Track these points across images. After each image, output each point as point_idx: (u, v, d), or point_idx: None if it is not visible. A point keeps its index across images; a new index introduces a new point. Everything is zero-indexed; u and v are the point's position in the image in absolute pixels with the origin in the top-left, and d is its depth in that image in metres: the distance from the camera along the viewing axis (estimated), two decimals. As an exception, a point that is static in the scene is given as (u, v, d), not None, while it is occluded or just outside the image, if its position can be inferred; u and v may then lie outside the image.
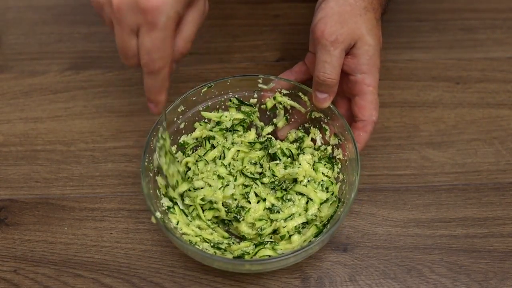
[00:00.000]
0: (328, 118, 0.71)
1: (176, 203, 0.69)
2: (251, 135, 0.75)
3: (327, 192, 0.70)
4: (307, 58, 0.73)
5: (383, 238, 0.72)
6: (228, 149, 0.73)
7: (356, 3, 0.67)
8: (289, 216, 0.68)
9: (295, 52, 0.92)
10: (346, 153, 0.69)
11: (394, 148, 0.80)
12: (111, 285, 0.69)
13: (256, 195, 0.70)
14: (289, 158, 0.73)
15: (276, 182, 0.72)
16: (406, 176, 0.77)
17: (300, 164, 0.71)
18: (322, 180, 0.70)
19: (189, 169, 0.73)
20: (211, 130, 0.74)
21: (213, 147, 0.74)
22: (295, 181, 0.71)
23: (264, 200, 0.70)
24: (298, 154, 0.73)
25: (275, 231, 0.69)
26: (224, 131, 0.74)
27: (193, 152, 0.75)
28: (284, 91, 0.73)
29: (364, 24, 0.67)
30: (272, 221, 0.68)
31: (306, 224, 0.69)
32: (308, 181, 0.71)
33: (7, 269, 0.70)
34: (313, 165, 0.71)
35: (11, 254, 0.71)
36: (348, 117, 0.71)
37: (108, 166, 0.79)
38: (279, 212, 0.68)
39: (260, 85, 0.73)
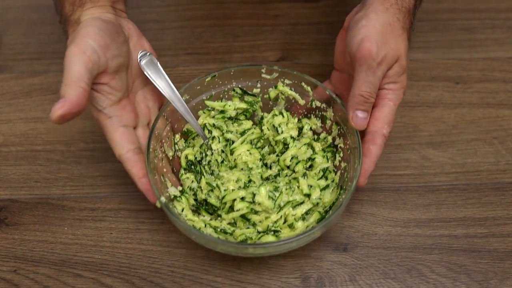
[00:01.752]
0: (330, 107, 0.72)
1: (184, 193, 0.70)
2: (248, 124, 0.76)
3: (326, 180, 0.71)
4: (334, 77, 0.74)
5: (383, 238, 0.72)
6: (232, 147, 0.74)
7: (394, 23, 0.66)
8: (298, 204, 0.68)
9: (296, 52, 0.92)
10: (347, 142, 0.70)
11: (394, 148, 0.80)
12: (111, 285, 0.69)
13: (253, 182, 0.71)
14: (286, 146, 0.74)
15: (275, 173, 0.73)
16: (406, 176, 0.77)
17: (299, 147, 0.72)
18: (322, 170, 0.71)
19: (189, 160, 0.73)
20: (214, 117, 0.75)
21: (210, 133, 0.75)
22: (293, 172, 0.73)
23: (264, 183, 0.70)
24: (294, 139, 0.74)
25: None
26: (226, 119, 0.75)
27: (194, 139, 0.76)
28: (287, 81, 0.74)
29: (403, 44, 0.67)
30: (281, 209, 0.68)
31: (309, 210, 0.69)
32: (307, 169, 0.72)
33: (7, 269, 0.70)
34: (311, 154, 0.73)
35: (11, 254, 0.71)
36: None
37: (108, 166, 0.79)
38: (281, 192, 0.68)
39: (263, 75, 0.75)
